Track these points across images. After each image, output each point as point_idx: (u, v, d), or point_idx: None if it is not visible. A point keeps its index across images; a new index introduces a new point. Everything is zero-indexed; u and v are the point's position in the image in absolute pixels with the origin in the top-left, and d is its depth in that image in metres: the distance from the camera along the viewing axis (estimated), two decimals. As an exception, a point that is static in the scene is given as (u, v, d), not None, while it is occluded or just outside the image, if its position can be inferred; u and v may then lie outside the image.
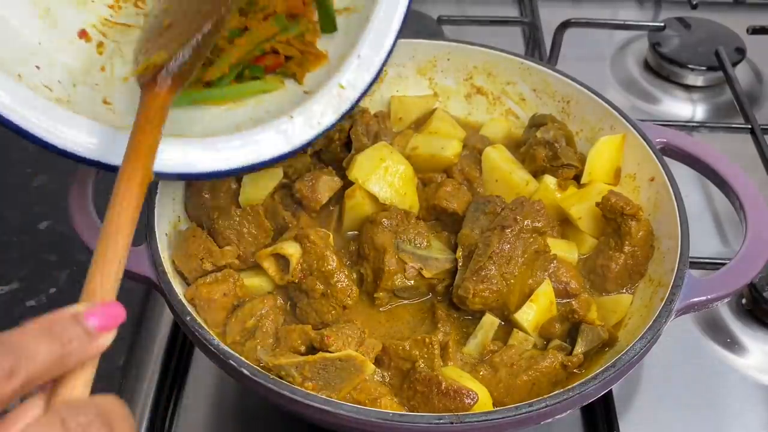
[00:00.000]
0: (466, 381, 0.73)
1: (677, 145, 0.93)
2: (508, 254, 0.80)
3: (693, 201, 1.08)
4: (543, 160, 0.93)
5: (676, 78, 1.32)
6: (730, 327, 0.95)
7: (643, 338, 0.72)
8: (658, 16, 1.49)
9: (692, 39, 1.34)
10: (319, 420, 0.69)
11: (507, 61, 1.04)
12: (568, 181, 0.92)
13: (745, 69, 1.33)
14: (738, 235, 0.92)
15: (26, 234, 1.03)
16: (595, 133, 0.97)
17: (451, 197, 0.88)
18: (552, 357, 0.76)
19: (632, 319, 0.82)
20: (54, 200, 0.95)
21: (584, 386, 0.69)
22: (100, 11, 0.81)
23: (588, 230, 0.89)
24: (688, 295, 0.77)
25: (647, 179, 0.91)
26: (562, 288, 0.83)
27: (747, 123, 1.15)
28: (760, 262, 0.79)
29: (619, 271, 0.84)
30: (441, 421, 0.66)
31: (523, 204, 0.83)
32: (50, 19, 0.79)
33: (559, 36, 1.30)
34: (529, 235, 0.81)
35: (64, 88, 0.78)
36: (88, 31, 0.81)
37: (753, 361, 0.92)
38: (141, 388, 0.87)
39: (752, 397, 0.88)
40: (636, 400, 0.87)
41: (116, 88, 0.82)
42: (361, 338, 0.75)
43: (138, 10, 0.82)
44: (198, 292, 0.78)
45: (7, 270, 0.98)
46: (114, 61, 0.83)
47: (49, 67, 0.78)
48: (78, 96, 0.79)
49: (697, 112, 1.29)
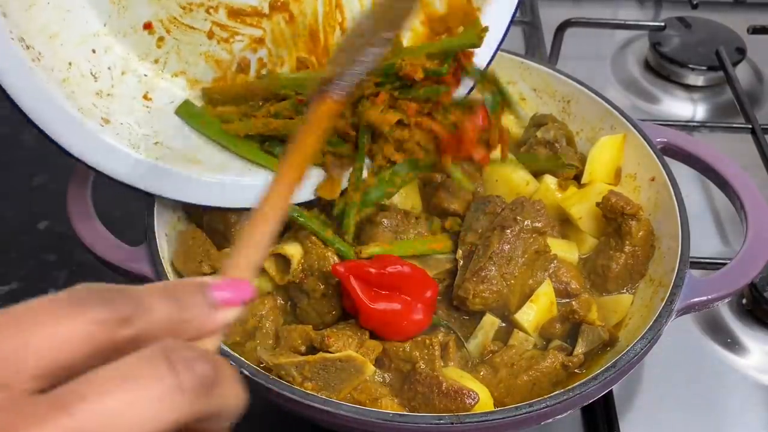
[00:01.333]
0: (466, 381, 0.73)
1: (678, 145, 0.93)
2: (509, 254, 0.80)
3: (693, 201, 1.08)
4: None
5: (677, 78, 1.32)
6: (731, 327, 0.95)
7: (644, 338, 0.72)
8: (658, 16, 1.49)
9: (692, 39, 1.34)
10: (319, 420, 0.69)
11: (507, 60, 1.03)
12: (569, 181, 0.92)
13: (745, 69, 1.33)
14: (738, 235, 0.92)
15: (26, 234, 1.03)
16: (596, 132, 0.97)
17: (452, 197, 0.88)
18: (552, 357, 0.76)
19: (633, 319, 0.82)
20: (54, 200, 0.95)
21: (585, 386, 0.68)
22: (171, 9, 0.83)
23: (588, 230, 0.89)
24: (689, 295, 0.77)
25: (648, 179, 0.91)
26: (562, 288, 0.82)
27: (747, 123, 1.15)
28: (761, 262, 0.79)
29: (619, 271, 0.84)
30: (441, 422, 0.66)
31: (523, 204, 0.83)
32: (121, 5, 0.81)
33: (559, 36, 1.30)
34: (529, 235, 0.81)
35: (111, 77, 0.81)
36: (153, 25, 0.83)
37: (753, 361, 0.92)
38: (141, 389, 0.87)
39: (752, 397, 0.88)
40: (636, 400, 0.87)
41: (161, 83, 0.85)
42: (361, 339, 0.75)
43: (207, 16, 0.84)
44: (198, 293, 0.78)
45: (6, 270, 0.98)
46: (169, 57, 0.85)
47: (105, 52, 0.81)
48: (121, 87, 0.82)
49: (698, 112, 1.29)
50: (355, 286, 0.74)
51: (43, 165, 1.11)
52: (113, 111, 0.80)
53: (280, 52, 0.88)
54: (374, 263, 0.76)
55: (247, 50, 0.87)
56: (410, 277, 0.76)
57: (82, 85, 0.78)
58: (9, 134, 1.16)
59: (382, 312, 0.75)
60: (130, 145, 0.79)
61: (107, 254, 0.79)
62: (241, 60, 0.88)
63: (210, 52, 0.86)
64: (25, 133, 1.15)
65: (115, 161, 0.78)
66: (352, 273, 0.74)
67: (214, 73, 0.87)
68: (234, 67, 0.88)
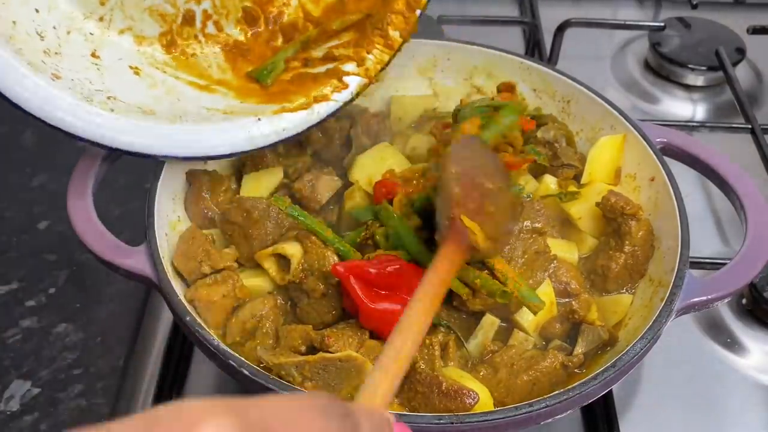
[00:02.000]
0: (466, 381, 0.73)
1: (677, 145, 0.93)
2: (508, 255, 0.80)
3: (693, 201, 1.08)
4: (543, 160, 0.93)
5: (677, 78, 1.32)
6: (731, 327, 0.95)
7: (644, 338, 0.72)
8: (658, 16, 1.49)
9: (692, 39, 1.34)
10: (319, 420, 0.69)
11: (507, 61, 1.03)
12: (568, 181, 0.92)
13: (745, 69, 1.33)
14: (738, 235, 0.92)
15: (26, 234, 1.03)
16: (596, 132, 0.97)
17: None
18: (552, 357, 0.76)
19: (632, 319, 0.82)
20: (54, 200, 0.95)
21: (584, 386, 0.68)
22: None
23: (588, 230, 0.89)
24: (689, 295, 0.77)
25: (647, 179, 0.91)
26: (562, 288, 0.82)
27: (747, 123, 1.15)
28: (761, 262, 0.79)
29: (619, 271, 0.84)
30: (441, 421, 0.66)
31: (523, 204, 0.83)
32: None
33: (559, 36, 1.30)
34: (529, 235, 0.81)
35: (57, 36, 0.82)
36: None
37: (753, 361, 0.92)
38: (141, 388, 0.87)
39: (752, 397, 0.88)
40: (636, 400, 0.87)
41: (108, 41, 0.86)
42: (361, 339, 0.75)
43: None
44: (197, 294, 0.78)
45: (6, 270, 0.98)
46: (114, 14, 0.86)
47: (49, 11, 0.81)
48: (68, 46, 0.82)
49: (698, 112, 1.29)
50: (355, 286, 0.74)
51: (43, 165, 1.10)
52: (63, 68, 0.80)
53: (224, 2, 0.90)
54: (374, 263, 0.76)
55: (191, 2, 0.89)
56: (410, 277, 0.76)
57: (29, 43, 0.78)
58: (9, 134, 1.15)
59: (382, 312, 0.75)
60: (84, 98, 0.79)
61: (107, 254, 0.79)
62: (186, 12, 0.89)
63: (154, 6, 0.87)
64: (25, 133, 1.15)
65: (71, 115, 0.77)
66: (352, 273, 0.74)
67: (159, 28, 0.88)
68: (179, 20, 0.89)
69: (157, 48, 0.89)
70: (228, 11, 0.91)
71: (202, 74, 0.89)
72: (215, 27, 0.92)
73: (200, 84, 0.88)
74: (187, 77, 0.88)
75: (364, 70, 0.87)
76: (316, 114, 0.85)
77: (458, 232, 0.69)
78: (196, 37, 0.91)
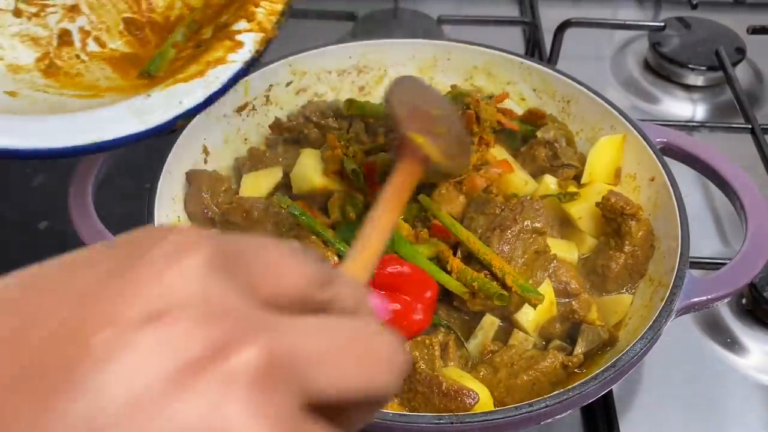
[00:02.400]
0: (466, 381, 0.73)
1: (677, 145, 0.93)
2: (508, 255, 0.80)
3: (693, 201, 1.07)
4: (543, 160, 0.93)
5: (676, 78, 1.32)
6: (731, 327, 0.95)
7: (644, 338, 0.72)
8: (658, 16, 1.49)
9: (692, 39, 1.34)
10: (319, 420, 0.69)
11: (507, 61, 1.03)
12: (568, 181, 0.92)
13: (745, 69, 1.33)
14: (738, 235, 0.92)
15: (26, 234, 1.03)
16: (596, 132, 0.97)
17: (445, 201, 0.87)
18: (552, 357, 0.76)
19: (632, 319, 0.82)
20: (54, 200, 0.94)
21: (584, 386, 0.68)
22: None
23: (588, 230, 0.89)
24: (689, 295, 0.77)
25: (647, 179, 0.91)
26: (562, 288, 0.82)
27: (747, 123, 1.15)
28: (761, 262, 0.79)
29: (619, 271, 0.84)
30: (441, 421, 0.66)
31: (523, 204, 0.83)
32: None
33: (559, 36, 1.30)
34: (528, 235, 0.81)
35: None
36: None
37: (753, 361, 0.92)
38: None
39: (752, 397, 0.88)
40: (636, 400, 0.87)
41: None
42: (361, 338, 0.75)
43: None
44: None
45: (6, 270, 0.98)
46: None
47: None
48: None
49: (697, 112, 1.29)
50: (355, 286, 0.74)
51: (43, 165, 1.10)
52: None
53: (101, 16, 0.85)
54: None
55: (65, 21, 0.83)
56: (410, 277, 0.76)
57: None
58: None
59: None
60: None
61: (107, 254, 0.79)
62: (60, 32, 0.83)
63: (23, 31, 0.81)
64: (25, 133, 1.14)
65: None
66: (352, 273, 0.74)
67: (35, 53, 0.81)
68: (55, 41, 0.83)
69: (35, 75, 0.81)
70: (107, 25, 0.85)
71: (89, 87, 0.82)
72: (97, 44, 0.85)
73: (88, 94, 0.81)
74: (73, 92, 0.81)
75: (257, 24, 0.78)
76: (216, 79, 0.75)
77: (409, 147, 0.69)
78: (78, 57, 0.84)
